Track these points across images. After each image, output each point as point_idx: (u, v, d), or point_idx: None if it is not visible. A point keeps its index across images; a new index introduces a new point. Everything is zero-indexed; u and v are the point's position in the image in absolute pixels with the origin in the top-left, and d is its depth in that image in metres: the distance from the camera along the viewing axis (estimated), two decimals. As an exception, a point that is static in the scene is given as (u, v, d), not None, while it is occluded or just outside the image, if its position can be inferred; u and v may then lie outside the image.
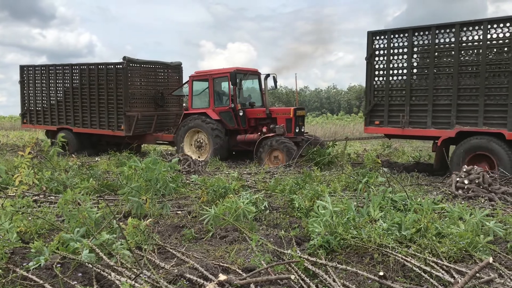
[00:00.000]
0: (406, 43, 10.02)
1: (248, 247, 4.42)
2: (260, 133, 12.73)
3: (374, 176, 7.55)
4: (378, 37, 10.41)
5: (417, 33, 9.88)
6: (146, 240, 4.42)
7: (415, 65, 10.02)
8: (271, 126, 12.60)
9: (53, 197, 6.69)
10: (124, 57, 14.28)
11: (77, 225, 4.45)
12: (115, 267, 3.60)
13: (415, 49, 9.99)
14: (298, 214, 5.70)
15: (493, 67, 8.92)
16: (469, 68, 9.27)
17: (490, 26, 8.86)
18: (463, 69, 9.32)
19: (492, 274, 3.53)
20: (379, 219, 4.73)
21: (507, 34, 8.77)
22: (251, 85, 14.30)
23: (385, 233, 4.30)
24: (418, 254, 3.94)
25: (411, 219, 4.66)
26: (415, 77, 10.03)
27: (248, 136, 12.75)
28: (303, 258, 3.92)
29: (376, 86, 10.55)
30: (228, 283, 3.29)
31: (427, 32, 9.71)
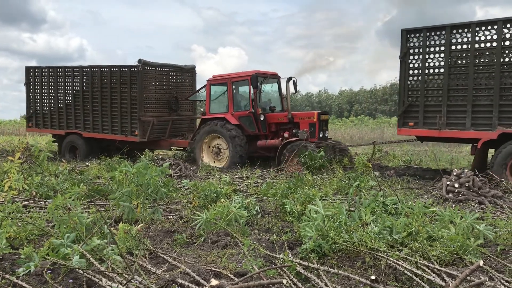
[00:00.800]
0: (444, 41, 9.56)
1: (240, 251, 4.41)
2: (281, 138, 12.31)
3: (365, 180, 7.57)
4: (412, 35, 9.96)
5: (455, 31, 9.42)
6: (137, 245, 4.39)
7: (452, 63, 9.52)
8: (294, 131, 12.18)
9: (43, 203, 6.63)
10: (140, 59, 13.75)
11: (68, 230, 4.41)
12: (106, 272, 3.57)
13: (453, 47, 9.49)
14: (290, 218, 5.70)
15: None
16: None
17: None
18: (505, 67, 8.84)
19: (482, 277, 3.55)
20: (370, 223, 4.75)
21: None
22: (270, 89, 13.83)
23: (376, 237, 4.31)
24: (410, 258, 3.96)
25: (402, 222, 4.68)
26: (453, 76, 9.53)
27: (269, 142, 12.29)
28: (295, 262, 3.92)
29: (410, 86, 10.10)
30: (220, 288, 3.27)
31: (466, 30, 9.29)
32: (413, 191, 8.11)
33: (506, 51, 8.90)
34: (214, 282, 3.30)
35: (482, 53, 9.18)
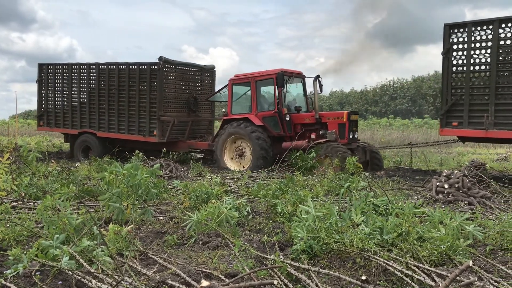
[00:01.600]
0: (491, 36, 9.12)
1: (231, 252, 4.41)
2: (307, 139, 11.79)
3: (356, 181, 7.60)
4: (456, 30, 9.50)
5: (504, 25, 8.99)
6: (127, 246, 4.36)
7: (501, 59, 9.08)
8: (321, 131, 11.71)
9: (32, 203, 6.57)
10: (161, 57, 13.22)
11: (57, 231, 4.37)
12: (95, 274, 3.55)
13: (502, 42, 9.08)
14: (281, 219, 5.71)
15: None
16: None
17: None
18: None
19: (472, 277, 3.58)
20: (361, 224, 4.76)
21: None
22: (295, 88, 13.23)
23: (367, 237, 4.32)
24: (400, 258, 3.97)
25: (392, 223, 4.70)
26: (501, 73, 9.10)
27: (295, 143, 11.67)
28: (286, 263, 3.92)
29: (454, 84, 9.65)
30: (211, 289, 3.26)
31: None
32: (403, 191, 8.15)
33: None
34: (204, 283, 3.29)
35: None
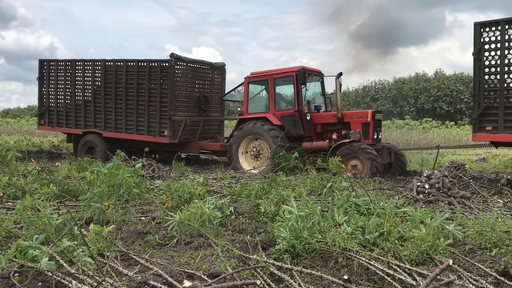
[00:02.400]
0: None
1: (214, 252, 4.39)
2: (328, 140, 11.38)
3: (338, 181, 7.64)
4: (488, 29, 8.92)
5: None
6: (108, 246, 4.31)
7: None
8: (343, 131, 11.27)
9: (10, 203, 6.45)
10: (172, 53, 12.74)
11: (36, 232, 4.30)
12: (76, 275, 3.50)
13: None
14: (264, 219, 5.71)
15: None
16: None
17: None
18: None
19: (451, 276, 3.63)
20: (343, 223, 4.79)
21: None
22: (312, 87, 12.68)
23: (349, 237, 4.35)
24: (381, 258, 4.01)
25: (374, 223, 4.74)
26: None
27: (316, 143, 11.29)
28: (269, 263, 3.92)
29: (487, 86, 9.04)
30: (193, 290, 3.24)
31: None
32: (384, 192, 8.23)
33: None
34: (187, 283, 3.27)
35: None
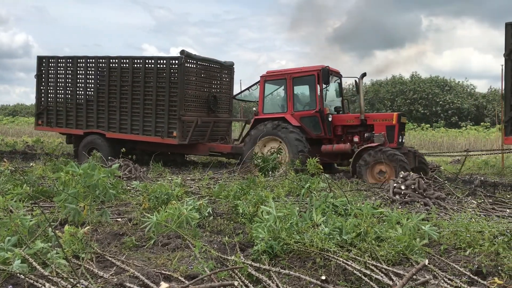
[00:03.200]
0: None
1: (191, 254, 4.35)
2: (349, 143, 10.92)
3: (316, 182, 7.69)
4: None
5: None
6: (83, 248, 4.24)
7: None
8: (366, 134, 10.76)
9: (-18, 205, 6.28)
10: (183, 50, 12.11)
11: (9, 233, 4.19)
12: (50, 277, 3.42)
13: None
14: (242, 219, 5.69)
15: None
16: None
17: None
18: None
19: (427, 276, 3.68)
20: (321, 224, 4.81)
21: None
22: (331, 87, 12.26)
23: (327, 237, 4.37)
24: (359, 258, 4.04)
25: (351, 223, 4.77)
26: None
27: (337, 147, 10.77)
28: (247, 264, 3.90)
29: None
30: (170, 291, 3.21)
31: None
32: (361, 192, 8.31)
33: None
34: (164, 285, 3.23)
35: None
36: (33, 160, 13.03)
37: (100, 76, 13.33)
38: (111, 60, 13.12)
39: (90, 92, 13.53)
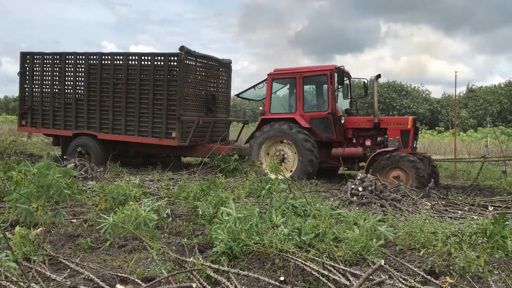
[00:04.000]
0: None
1: (149, 256, 4.28)
2: (360, 146, 10.60)
3: (276, 183, 7.72)
4: None
5: None
6: (36, 250, 4.08)
7: None
8: (379, 138, 10.41)
9: None
10: (182, 46, 11.42)
11: (-46, 235, 3.99)
12: (-2, 281, 3.28)
13: None
14: (202, 221, 5.65)
15: None
16: None
17: None
18: None
19: (383, 276, 3.76)
20: (280, 225, 4.83)
21: None
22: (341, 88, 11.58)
23: (286, 238, 4.39)
24: (317, 259, 4.08)
25: (310, 224, 4.82)
26: None
27: (348, 150, 10.40)
28: (206, 265, 3.87)
29: None
30: (126, 294, 3.14)
31: None
32: (320, 194, 8.41)
33: None
34: (120, 287, 3.16)
35: None
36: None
37: (92, 74, 12.54)
38: (103, 57, 12.42)
39: (80, 91, 12.71)
